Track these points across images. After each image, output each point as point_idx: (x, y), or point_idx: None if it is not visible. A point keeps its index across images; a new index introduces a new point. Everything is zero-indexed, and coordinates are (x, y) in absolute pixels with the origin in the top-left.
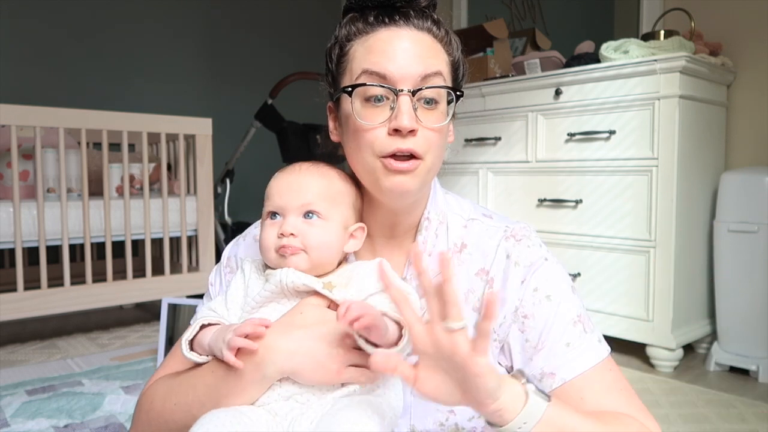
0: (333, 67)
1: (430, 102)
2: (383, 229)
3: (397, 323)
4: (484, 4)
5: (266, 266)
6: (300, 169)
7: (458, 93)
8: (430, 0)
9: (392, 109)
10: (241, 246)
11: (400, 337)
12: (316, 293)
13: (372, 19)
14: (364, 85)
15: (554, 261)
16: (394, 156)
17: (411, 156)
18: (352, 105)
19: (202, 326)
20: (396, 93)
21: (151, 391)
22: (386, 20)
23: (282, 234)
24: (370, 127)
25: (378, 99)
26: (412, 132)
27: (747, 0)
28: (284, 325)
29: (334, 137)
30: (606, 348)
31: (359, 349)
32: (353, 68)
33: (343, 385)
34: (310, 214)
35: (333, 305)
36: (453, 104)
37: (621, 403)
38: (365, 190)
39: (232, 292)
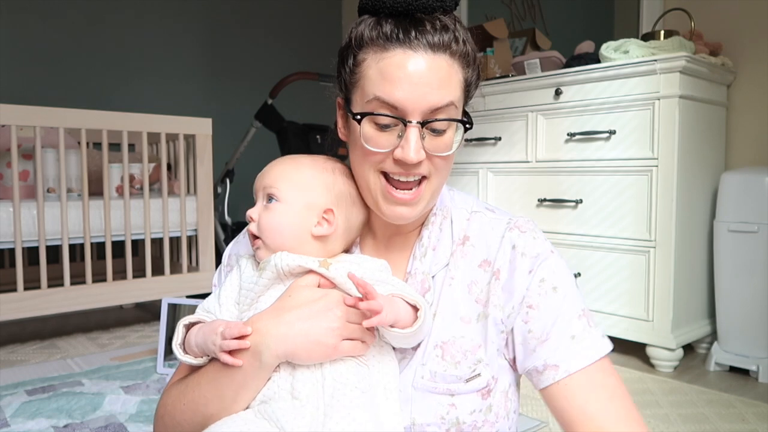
0: (346, 76)
1: (438, 131)
2: (388, 228)
3: (413, 306)
4: (484, 4)
5: None
6: (277, 159)
7: (467, 126)
8: (450, 9)
9: (400, 137)
10: (241, 244)
11: (416, 319)
12: (311, 272)
13: (387, 30)
14: (373, 114)
15: (558, 255)
16: (396, 185)
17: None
18: (361, 129)
19: (187, 328)
20: (405, 123)
21: (164, 397)
22: (401, 37)
23: (248, 219)
24: (377, 152)
25: (386, 126)
26: (417, 163)
27: (747, 0)
28: (274, 309)
29: (341, 135)
30: (609, 344)
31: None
32: (365, 89)
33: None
34: (271, 198)
35: (328, 284)
36: (461, 131)
37: (621, 414)
38: None
39: (226, 288)
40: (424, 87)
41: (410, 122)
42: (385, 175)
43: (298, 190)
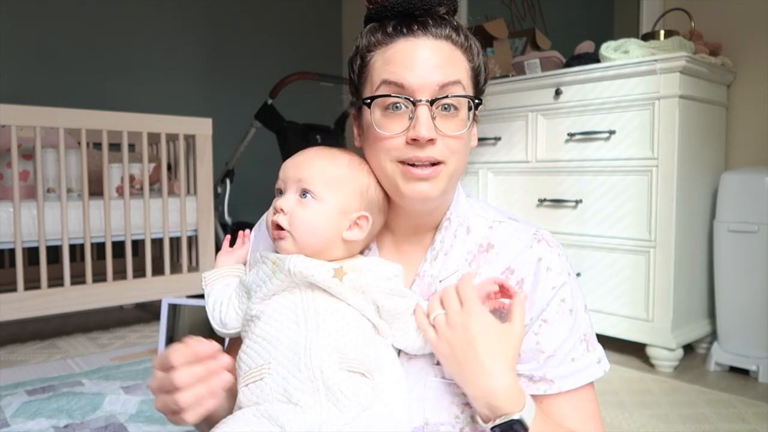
0: (355, 78)
1: (449, 109)
2: (406, 227)
3: None
4: (484, 4)
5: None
6: (310, 150)
7: (477, 101)
8: (449, 6)
9: (411, 118)
10: (261, 240)
11: None
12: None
13: (390, 29)
14: (382, 96)
15: (576, 277)
16: (413, 164)
17: (432, 163)
18: (372, 115)
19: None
20: (414, 103)
21: None
22: (404, 31)
23: (275, 209)
24: (389, 136)
25: (396, 107)
26: (431, 141)
27: (747, 0)
28: None
29: (357, 143)
30: (603, 369)
31: None
32: (373, 79)
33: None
34: (306, 194)
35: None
36: (473, 111)
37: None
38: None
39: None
40: (429, 66)
41: (419, 101)
42: (401, 163)
43: (336, 191)
